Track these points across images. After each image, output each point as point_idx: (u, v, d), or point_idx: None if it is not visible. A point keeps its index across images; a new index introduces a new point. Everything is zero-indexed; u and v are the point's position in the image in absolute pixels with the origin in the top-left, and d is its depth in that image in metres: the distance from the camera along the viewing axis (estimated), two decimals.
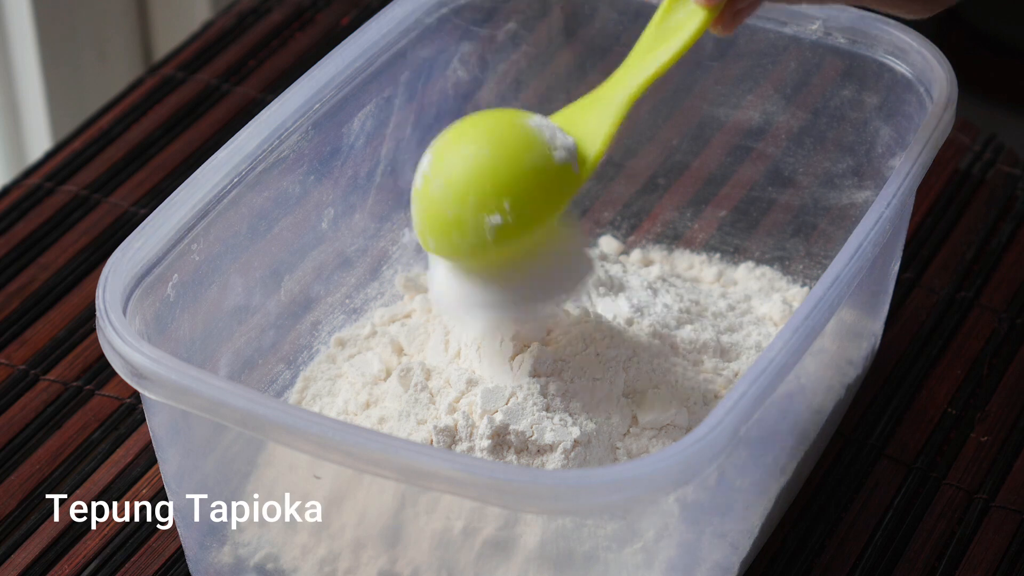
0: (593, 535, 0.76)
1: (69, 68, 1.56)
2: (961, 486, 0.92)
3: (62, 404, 0.95)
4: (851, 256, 0.79)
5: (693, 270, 1.01)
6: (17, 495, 0.90)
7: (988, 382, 0.97)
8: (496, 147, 0.78)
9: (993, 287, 1.03)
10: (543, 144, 0.78)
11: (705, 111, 1.01)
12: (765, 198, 1.01)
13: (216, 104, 1.16)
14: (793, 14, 0.94)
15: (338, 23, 1.22)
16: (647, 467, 0.70)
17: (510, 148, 0.78)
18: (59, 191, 1.08)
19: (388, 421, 0.83)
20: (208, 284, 0.84)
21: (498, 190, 0.77)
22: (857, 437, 0.94)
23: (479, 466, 0.72)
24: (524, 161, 0.78)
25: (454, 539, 0.76)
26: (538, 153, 0.78)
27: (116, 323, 0.75)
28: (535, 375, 0.83)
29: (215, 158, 0.84)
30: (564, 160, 0.79)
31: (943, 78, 0.89)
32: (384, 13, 0.94)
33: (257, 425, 0.72)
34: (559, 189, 0.79)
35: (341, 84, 0.90)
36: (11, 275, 1.03)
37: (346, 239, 0.95)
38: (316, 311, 0.94)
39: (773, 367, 0.74)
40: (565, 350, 0.84)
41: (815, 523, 0.89)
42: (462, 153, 0.78)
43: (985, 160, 1.11)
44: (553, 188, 0.79)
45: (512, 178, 0.78)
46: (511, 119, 0.80)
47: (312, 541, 0.79)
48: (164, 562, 0.87)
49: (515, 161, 0.78)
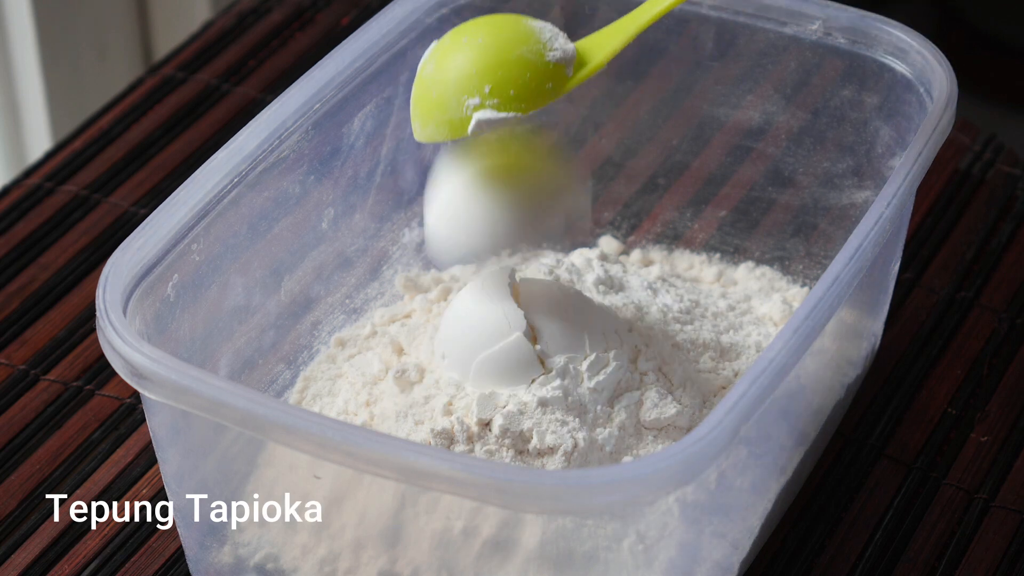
0: (593, 535, 0.76)
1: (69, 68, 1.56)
2: (961, 486, 0.92)
3: (62, 404, 0.95)
4: (851, 256, 0.79)
5: (693, 270, 1.01)
6: (17, 495, 0.90)
7: (988, 382, 0.97)
8: (491, 37, 0.81)
9: (993, 287, 1.03)
10: (539, 42, 0.82)
11: (705, 111, 1.01)
12: (765, 198, 1.01)
13: (216, 104, 1.16)
14: (793, 14, 0.95)
15: (338, 23, 1.22)
16: (647, 467, 0.70)
17: (504, 39, 0.81)
18: (59, 191, 1.08)
19: (387, 421, 0.83)
20: (208, 284, 0.84)
21: (481, 74, 0.80)
22: (857, 437, 0.94)
23: (479, 466, 0.72)
24: (513, 52, 0.81)
25: (454, 539, 0.76)
26: (531, 48, 0.81)
27: (116, 323, 0.75)
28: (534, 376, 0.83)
29: (215, 158, 0.84)
30: (557, 60, 0.81)
31: (943, 78, 0.89)
32: (384, 13, 0.94)
33: (257, 425, 0.72)
34: (546, 86, 0.81)
35: (341, 84, 0.90)
36: (11, 275, 1.03)
37: (346, 239, 0.95)
38: (316, 311, 0.94)
39: (773, 367, 0.74)
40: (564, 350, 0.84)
41: (815, 523, 0.89)
42: (459, 41, 0.82)
43: (985, 160, 1.11)
44: (539, 85, 0.81)
45: (497, 65, 0.80)
46: (517, 19, 0.83)
47: (312, 541, 0.79)
48: (164, 562, 0.87)
49: (504, 51, 0.81)
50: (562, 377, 0.82)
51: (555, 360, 0.83)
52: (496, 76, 0.81)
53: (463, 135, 0.81)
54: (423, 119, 0.83)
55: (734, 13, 0.96)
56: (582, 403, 0.82)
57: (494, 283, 0.84)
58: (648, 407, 0.83)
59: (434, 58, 0.83)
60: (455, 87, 0.81)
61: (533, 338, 0.83)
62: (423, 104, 0.82)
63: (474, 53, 0.81)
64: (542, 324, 0.83)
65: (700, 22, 0.97)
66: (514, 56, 0.81)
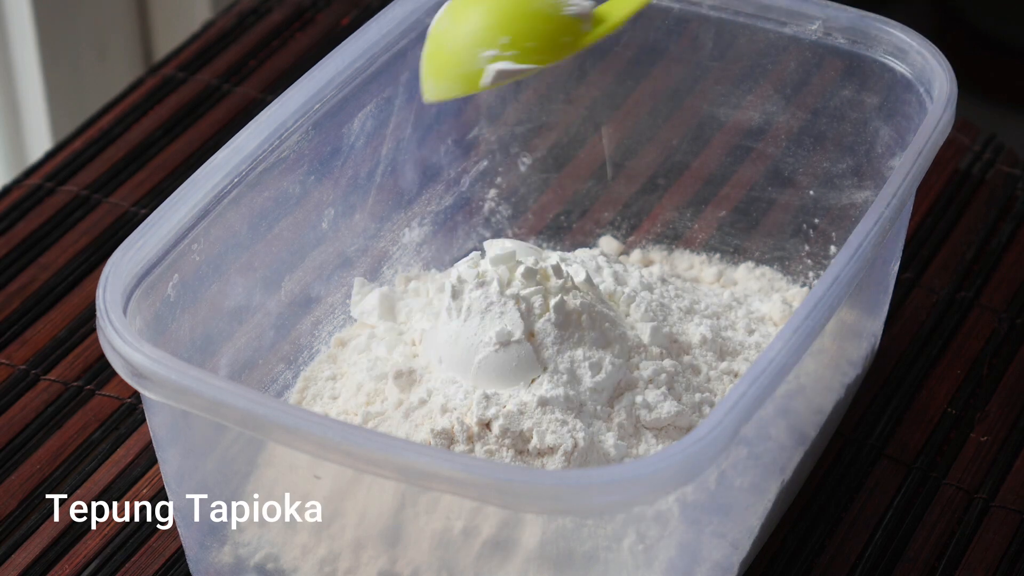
0: (593, 535, 0.76)
1: (69, 68, 1.56)
2: (961, 486, 0.92)
3: (62, 404, 0.95)
4: (851, 256, 0.79)
5: (693, 270, 1.01)
6: (17, 495, 0.90)
7: (988, 382, 0.97)
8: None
9: (993, 287, 1.03)
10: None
11: (705, 111, 1.01)
12: (765, 198, 1.01)
13: (216, 104, 1.16)
14: (793, 14, 0.95)
15: (338, 23, 1.22)
16: (647, 467, 0.70)
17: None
18: (59, 191, 1.08)
19: (387, 421, 0.83)
20: (208, 284, 0.84)
21: (499, 25, 0.79)
22: (857, 437, 0.94)
23: (479, 466, 0.72)
24: (531, 4, 0.80)
25: (454, 539, 0.76)
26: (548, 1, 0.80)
27: (116, 323, 0.75)
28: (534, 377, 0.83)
29: (215, 158, 0.84)
30: (575, 14, 0.81)
31: (943, 78, 0.89)
32: (384, 13, 0.94)
33: (257, 425, 0.72)
34: (562, 40, 0.81)
35: (341, 84, 0.90)
36: (11, 275, 1.03)
37: (346, 239, 0.95)
38: (316, 311, 0.94)
39: (773, 367, 0.74)
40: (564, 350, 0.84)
41: (815, 523, 0.89)
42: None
43: (985, 160, 1.11)
44: (556, 38, 0.81)
45: (515, 17, 0.80)
46: None
47: (312, 541, 0.79)
48: (164, 562, 0.87)
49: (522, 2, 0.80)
50: (562, 377, 0.82)
51: (555, 360, 0.83)
52: (514, 27, 0.80)
53: (477, 89, 0.80)
54: (436, 74, 0.81)
55: (734, 13, 0.96)
56: (582, 403, 0.82)
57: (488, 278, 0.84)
58: (648, 407, 0.83)
59: (449, 13, 0.81)
60: (471, 39, 0.80)
61: (532, 338, 0.83)
62: (436, 60, 0.81)
63: (491, 4, 0.80)
64: (542, 324, 0.83)
65: (700, 22, 0.97)
66: (532, 8, 0.80)
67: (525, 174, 1.04)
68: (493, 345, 0.82)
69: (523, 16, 0.80)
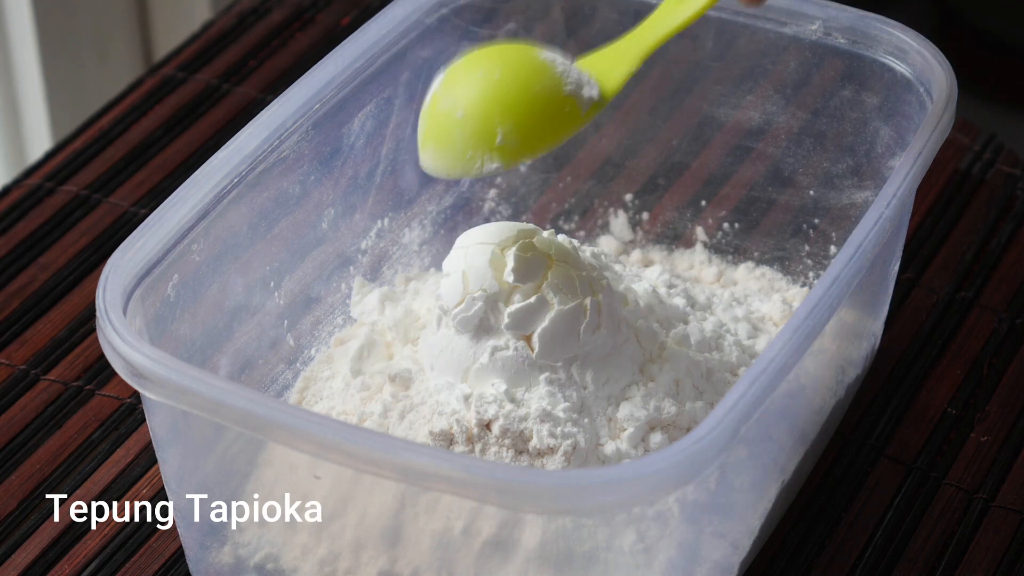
0: (593, 535, 0.76)
1: (69, 68, 1.56)
2: (961, 486, 0.92)
3: (62, 404, 0.95)
4: (851, 256, 0.79)
5: (693, 270, 1.01)
6: (17, 495, 0.90)
7: (988, 382, 0.97)
8: (506, 71, 0.80)
9: (993, 287, 1.03)
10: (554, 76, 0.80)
11: (705, 111, 1.01)
12: (765, 198, 1.01)
13: (216, 104, 1.16)
14: (793, 14, 0.95)
15: (338, 23, 1.22)
16: (647, 467, 0.70)
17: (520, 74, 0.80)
18: (59, 191, 1.08)
19: (387, 422, 0.83)
20: (208, 284, 0.84)
21: (502, 111, 0.79)
22: (857, 437, 0.94)
23: (479, 466, 0.72)
24: (531, 87, 0.80)
25: (454, 539, 0.76)
26: (547, 84, 0.80)
27: (116, 323, 0.75)
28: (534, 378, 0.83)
29: (215, 158, 0.84)
30: (572, 94, 0.80)
31: (943, 78, 0.89)
32: (384, 13, 0.94)
33: (257, 425, 0.72)
34: (562, 121, 0.80)
35: (341, 84, 0.90)
36: (11, 275, 1.03)
37: (346, 239, 0.95)
38: (316, 311, 0.94)
39: (773, 367, 0.74)
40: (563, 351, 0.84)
41: (815, 523, 0.89)
42: (473, 75, 0.80)
43: (985, 160, 1.11)
44: (556, 119, 0.80)
45: (516, 102, 0.79)
46: (526, 49, 0.81)
47: (312, 541, 0.79)
48: (164, 562, 0.87)
49: (523, 87, 0.79)
50: (562, 377, 0.82)
51: (555, 360, 0.83)
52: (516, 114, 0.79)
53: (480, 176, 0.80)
54: (436, 154, 0.81)
55: (734, 13, 0.96)
56: (582, 403, 0.82)
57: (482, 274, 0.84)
58: (647, 407, 0.83)
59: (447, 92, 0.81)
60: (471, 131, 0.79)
61: (532, 338, 0.83)
62: (434, 138, 0.81)
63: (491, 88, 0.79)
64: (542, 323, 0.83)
65: (700, 22, 0.97)
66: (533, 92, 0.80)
67: (525, 174, 1.05)
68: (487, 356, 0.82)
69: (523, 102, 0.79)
